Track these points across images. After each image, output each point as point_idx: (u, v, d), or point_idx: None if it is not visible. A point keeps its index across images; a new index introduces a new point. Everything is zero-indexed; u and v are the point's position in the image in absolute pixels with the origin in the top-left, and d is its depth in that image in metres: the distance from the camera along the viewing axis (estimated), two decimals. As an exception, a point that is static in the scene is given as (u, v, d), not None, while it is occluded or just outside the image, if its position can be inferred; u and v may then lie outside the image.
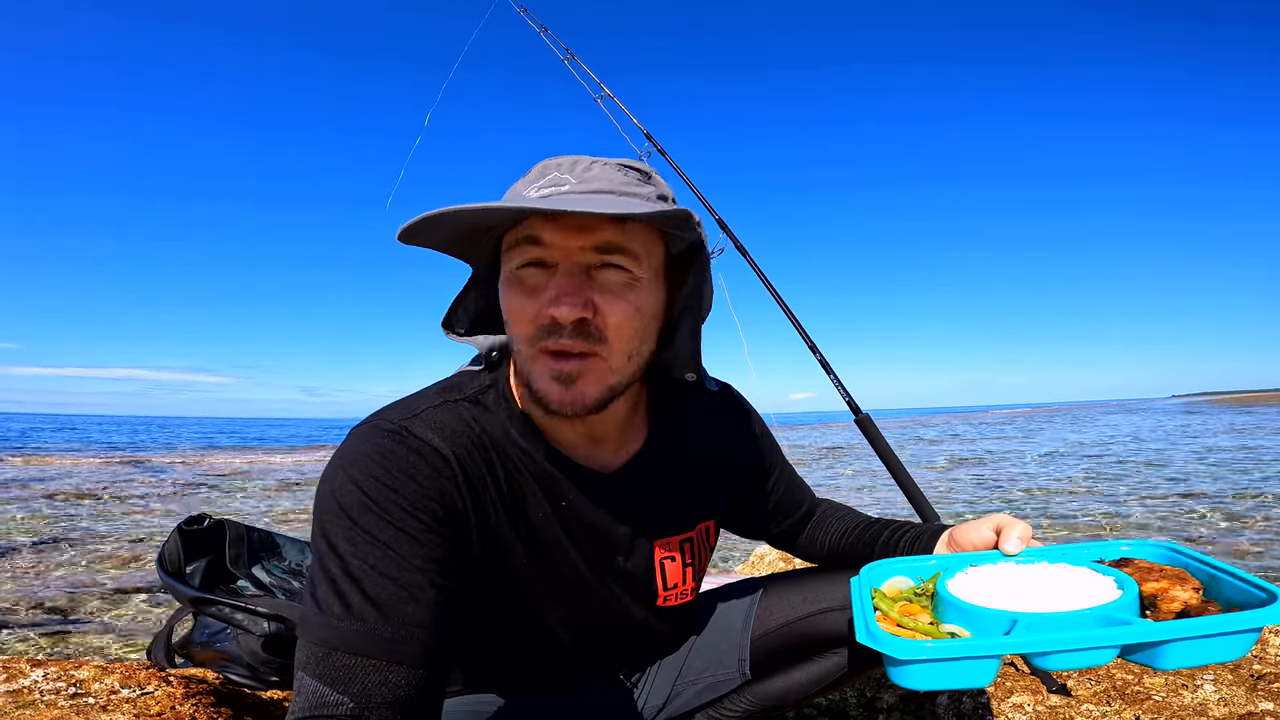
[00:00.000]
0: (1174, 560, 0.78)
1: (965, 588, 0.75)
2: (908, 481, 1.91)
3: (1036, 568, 0.79)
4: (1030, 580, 0.76)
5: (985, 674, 0.62)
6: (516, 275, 0.80)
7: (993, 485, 8.39)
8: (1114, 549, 0.83)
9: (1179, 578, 0.72)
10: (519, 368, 0.83)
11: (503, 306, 0.83)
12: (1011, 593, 0.73)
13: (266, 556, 1.77)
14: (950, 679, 0.62)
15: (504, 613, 0.92)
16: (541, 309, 0.77)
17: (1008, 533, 0.86)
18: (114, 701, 1.23)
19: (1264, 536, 4.83)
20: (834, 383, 2.04)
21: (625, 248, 0.79)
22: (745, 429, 1.12)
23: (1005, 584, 0.75)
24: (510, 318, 0.82)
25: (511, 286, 0.81)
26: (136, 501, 7.64)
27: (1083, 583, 0.73)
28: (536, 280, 0.79)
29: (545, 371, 0.79)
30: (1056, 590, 0.72)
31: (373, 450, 0.78)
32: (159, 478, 10.39)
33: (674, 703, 1.12)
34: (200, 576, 1.65)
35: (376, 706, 0.69)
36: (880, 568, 0.86)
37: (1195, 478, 8.08)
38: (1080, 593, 0.71)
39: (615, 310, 0.79)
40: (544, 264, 0.79)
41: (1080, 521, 5.71)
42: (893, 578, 0.85)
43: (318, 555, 0.75)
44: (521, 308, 0.79)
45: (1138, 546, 0.82)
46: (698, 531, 1.04)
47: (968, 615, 0.70)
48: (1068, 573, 0.76)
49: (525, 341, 0.80)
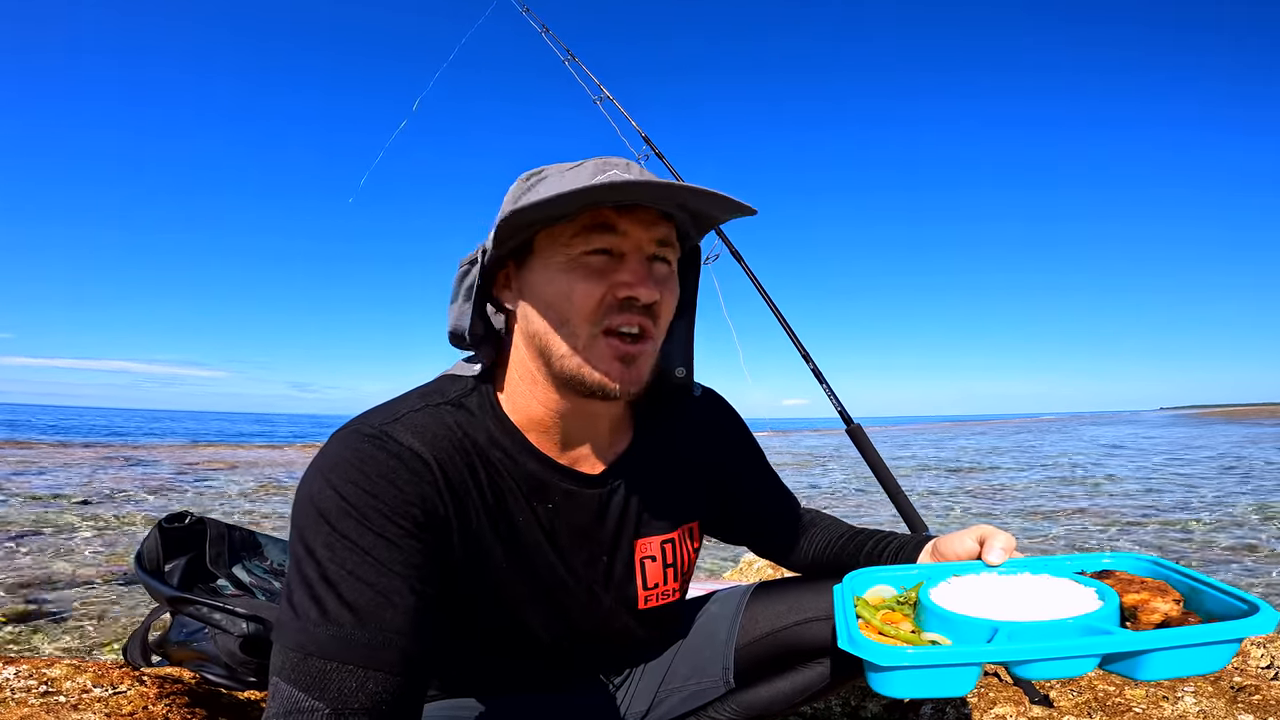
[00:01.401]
0: (1155, 573, 0.78)
1: (948, 597, 0.75)
2: (896, 491, 1.92)
3: (1019, 578, 0.79)
4: (1012, 590, 0.76)
5: (965, 682, 0.62)
6: (583, 260, 0.82)
7: (977, 496, 8.43)
8: (1096, 561, 0.84)
9: (1159, 589, 0.72)
10: (562, 354, 0.83)
11: (551, 290, 0.83)
12: (993, 602, 0.73)
13: (248, 556, 1.75)
14: (931, 687, 0.62)
15: (485, 616, 0.91)
16: (611, 290, 0.81)
17: (991, 543, 0.86)
18: (85, 700, 1.22)
19: (1241, 544, 4.86)
20: (826, 392, 2.04)
21: (671, 243, 0.87)
22: (729, 434, 1.14)
23: (987, 594, 0.76)
24: (569, 299, 0.82)
25: (574, 270, 0.82)
26: (119, 495, 7.57)
27: (1064, 594, 0.73)
28: (602, 265, 0.82)
29: (610, 352, 0.83)
30: (1038, 600, 0.72)
31: (352, 455, 0.77)
32: (144, 472, 10.31)
33: (657, 709, 1.11)
34: (179, 575, 1.63)
35: (353, 713, 0.68)
36: (863, 576, 0.87)
37: (1170, 487, 8.13)
38: (1062, 603, 0.71)
39: (667, 298, 0.86)
40: (609, 251, 0.82)
41: (1060, 532, 5.74)
42: (876, 586, 0.86)
43: (294, 560, 0.74)
44: (589, 289, 0.81)
45: (1119, 559, 0.83)
46: (680, 533, 1.04)
47: (950, 623, 0.70)
48: (1050, 584, 0.77)
49: (588, 322, 0.82)
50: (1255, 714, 1.49)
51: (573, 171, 0.85)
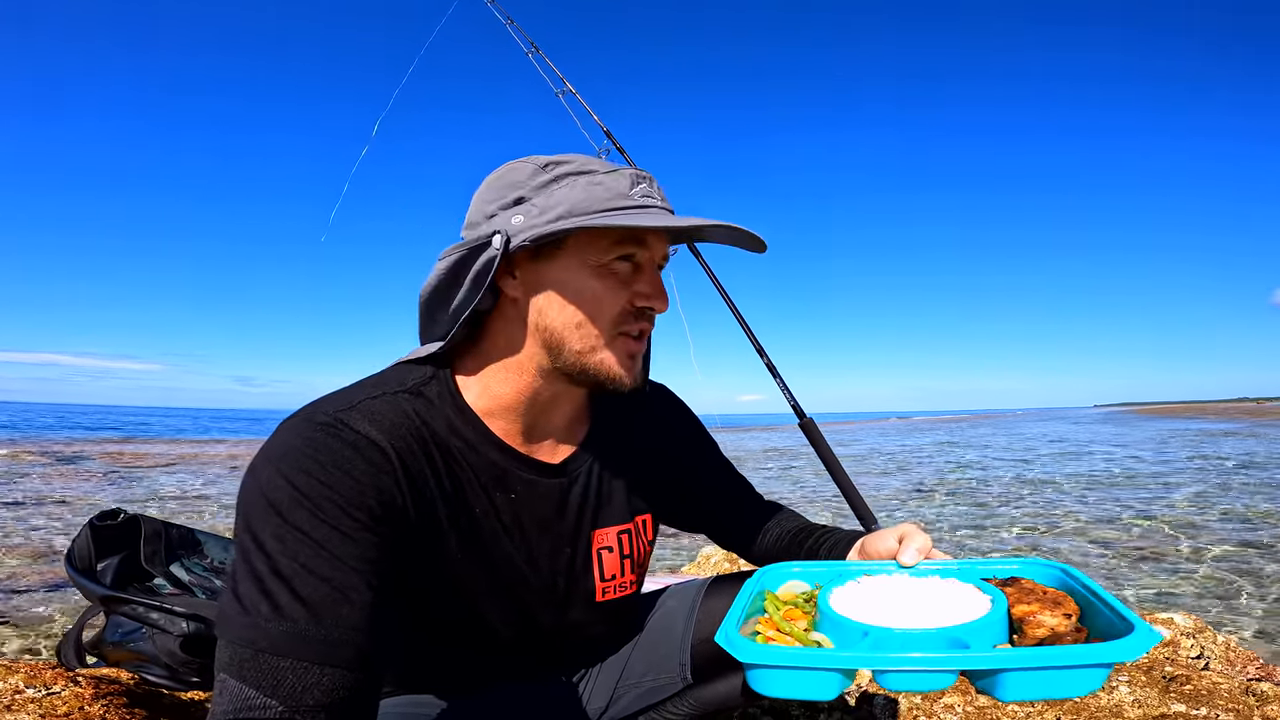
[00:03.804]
0: (1062, 583, 0.77)
1: (844, 598, 0.75)
2: (847, 485, 1.95)
3: (925, 582, 0.79)
4: (907, 595, 0.75)
5: (830, 687, 0.60)
6: (610, 267, 0.87)
7: (926, 491, 8.66)
8: (1007, 567, 0.83)
9: (1055, 601, 0.70)
10: (579, 350, 0.87)
11: (578, 290, 0.87)
12: (879, 606, 0.72)
13: (186, 554, 1.68)
14: (794, 688, 0.60)
15: (441, 609, 0.89)
16: (632, 299, 0.88)
17: (906, 544, 0.87)
18: (18, 701, 1.16)
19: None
20: (780, 386, 2.06)
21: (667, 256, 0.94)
22: (683, 426, 1.16)
23: (879, 597, 0.75)
24: (598, 302, 0.87)
25: (604, 276, 0.87)
26: (48, 494, 7.22)
27: (959, 600, 0.72)
28: (627, 274, 0.88)
29: (625, 351, 0.90)
30: (929, 606, 0.71)
31: (305, 444, 0.74)
32: (73, 469, 9.85)
33: (615, 705, 1.11)
34: (112, 574, 1.57)
35: (307, 710, 0.66)
36: (777, 570, 0.87)
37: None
38: (951, 610, 0.70)
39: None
40: (632, 260, 0.88)
41: (992, 526, 5.95)
42: (789, 581, 0.85)
43: (242, 553, 0.71)
44: (615, 295, 0.87)
45: (1029, 566, 0.82)
46: (635, 524, 1.04)
47: (834, 625, 0.70)
48: (951, 589, 0.76)
49: (610, 324, 0.87)
50: (1187, 703, 1.56)
51: (610, 176, 0.85)
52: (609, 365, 0.88)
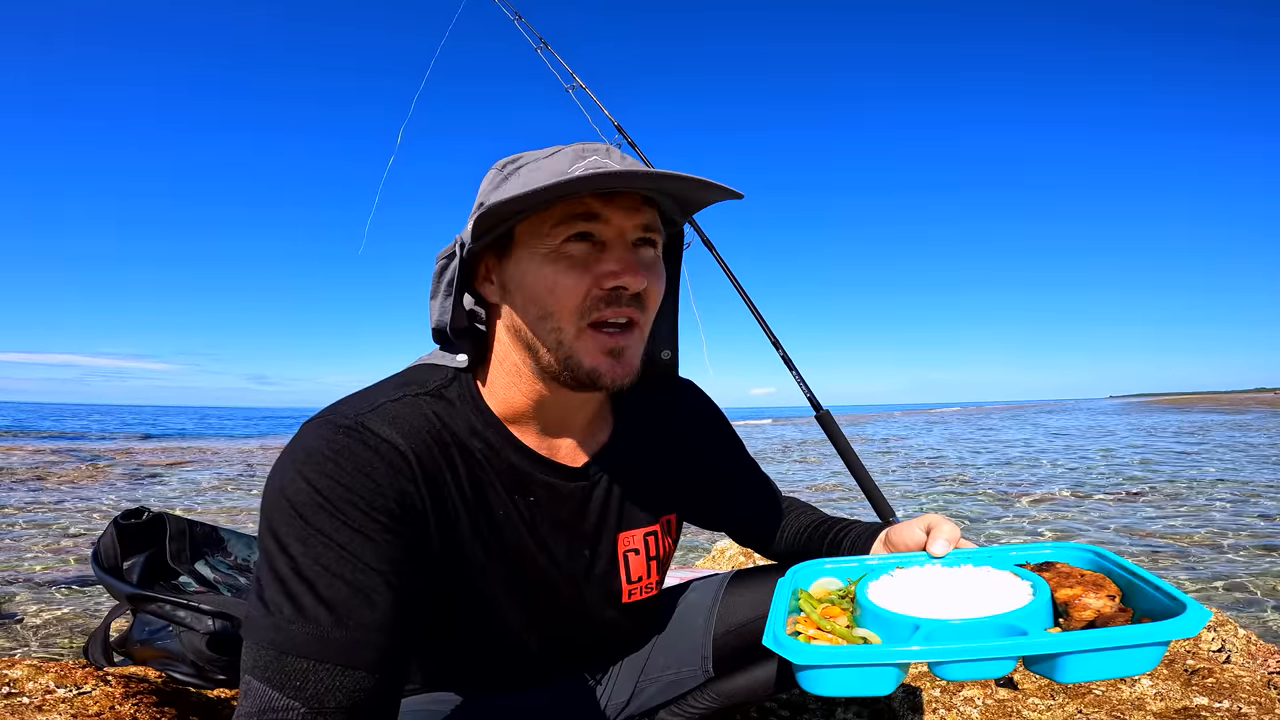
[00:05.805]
0: (1097, 565, 0.77)
1: (883, 592, 0.74)
2: (864, 477, 1.94)
3: (960, 571, 0.78)
4: (948, 585, 0.75)
5: (886, 682, 0.60)
6: (565, 250, 0.80)
7: (938, 483, 8.61)
8: (1039, 551, 0.82)
9: (1096, 584, 0.70)
10: (548, 349, 0.82)
11: (533, 283, 0.81)
12: (923, 598, 0.72)
13: (211, 552, 1.70)
14: (851, 685, 0.61)
15: (464, 612, 0.90)
16: (597, 281, 0.80)
17: (935, 534, 0.86)
18: (49, 701, 1.18)
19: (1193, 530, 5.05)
20: (796, 379, 2.06)
21: (656, 228, 0.85)
22: (710, 425, 1.14)
23: (921, 589, 0.74)
24: (553, 292, 0.80)
25: (556, 261, 0.80)
26: (72, 492, 7.32)
27: (1000, 588, 0.72)
28: (585, 254, 0.80)
29: (596, 347, 0.82)
30: (971, 595, 0.71)
31: (326, 447, 0.75)
32: (96, 467, 9.98)
33: (637, 700, 1.12)
34: (139, 572, 1.59)
35: (330, 712, 0.67)
36: (810, 568, 0.86)
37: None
38: (994, 598, 0.69)
39: (654, 284, 0.84)
40: (591, 239, 0.80)
41: (1012, 517, 5.90)
42: (821, 579, 0.84)
43: (265, 555, 0.72)
44: (573, 282, 0.80)
45: (1061, 550, 0.82)
46: (661, 524, 1.04)
47: (880, 620, 0.69)
48: (988, 577, 0.75)
49: (573, 315, 0.80)
50: (1209, 696, 1.55)
51: (550, 159, 0.83)
52: (580, 360, 0.82)
